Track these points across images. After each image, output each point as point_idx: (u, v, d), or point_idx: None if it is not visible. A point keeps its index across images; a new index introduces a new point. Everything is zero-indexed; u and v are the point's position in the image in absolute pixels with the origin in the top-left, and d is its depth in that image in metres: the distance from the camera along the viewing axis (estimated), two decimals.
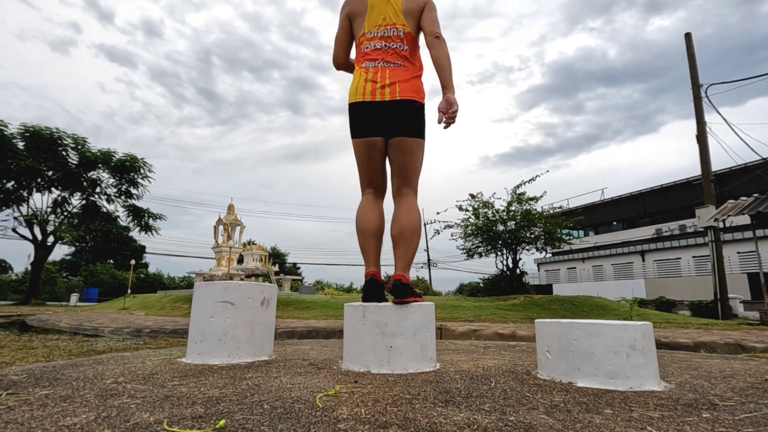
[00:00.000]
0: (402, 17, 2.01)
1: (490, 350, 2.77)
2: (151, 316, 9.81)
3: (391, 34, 2.02)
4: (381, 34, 2.03)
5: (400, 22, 2.02)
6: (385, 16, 2.03)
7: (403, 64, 2.00)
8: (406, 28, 2.02)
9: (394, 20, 2.02)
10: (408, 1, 2.03)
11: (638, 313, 7.68)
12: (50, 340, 4.64)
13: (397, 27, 2.02)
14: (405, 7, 2.02)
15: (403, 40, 2.01)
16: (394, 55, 2.00)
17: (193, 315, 2.13)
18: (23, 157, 20.30)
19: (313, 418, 1.06)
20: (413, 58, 2.04)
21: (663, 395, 1.39)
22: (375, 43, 2.03)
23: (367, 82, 1.98)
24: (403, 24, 2.02)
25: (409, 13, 2.02)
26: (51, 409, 1.13)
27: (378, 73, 1.98)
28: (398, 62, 1.99)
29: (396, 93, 1.94)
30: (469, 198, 10.73)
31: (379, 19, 2.04)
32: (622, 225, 28.59)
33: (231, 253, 18.69)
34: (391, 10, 2.03)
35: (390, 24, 2.02)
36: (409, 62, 2.01)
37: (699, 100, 11.73)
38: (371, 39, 2.04)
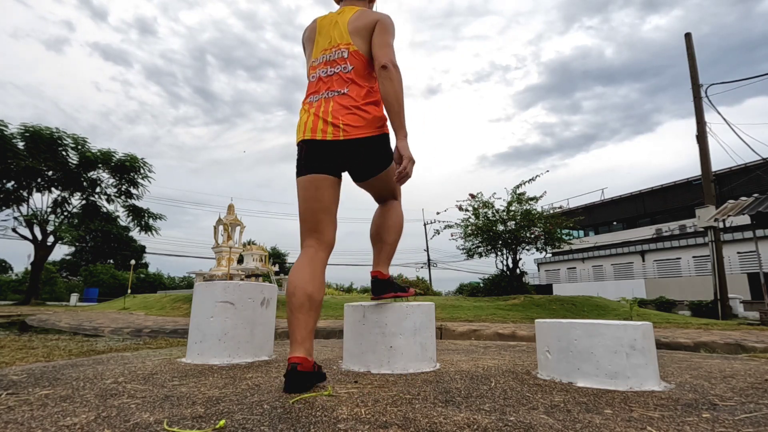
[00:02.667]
0: (347, 37, 1.77)
1: (490, 350, 2.77)
2: (151, 316, 9.81)
3: (335, 56, 1.77)
4: (326, 58, 1.79)
5: (344, 42, 1.77)
6: (331, 39, 1.80)
7: (348, 90, 1.71)
8: (351, 47, 1.75)
9: (338, 41, 1.78)
10: (356, 20, 1.79)
11: (638, 313, 7.68)
12: (50, 340, 4.64)
13: (341, 48, 1.77)
14: (352, 26, 1.78)
15: (346, 60, 1.74)
16: (339, 81, 1.73)
17: (193, 315, 2.13)
18: (23, 157, 20.30)
19: (313, 418, 1.06)
20: (362, 78, 1.75)
21: (663, 395, 1.39)
22: (319, 71, 1.78)
23: (309, 118, 1.72)
24: (347, 43, 1.76)
25: (356, 33, 1.77)
26: (51, 409, 1.13)
27: (320, 106, 1.71)
28: (343, 89, 1.71)
29: (340, 133, 1.65)
30: (469, 198, 10.74)
31: (325, 43, 1.82)
32: (622, 225, 28.59)
33: (231, 253, 18.69)
34: (337, 31, 1.80)
35: (335, 46, 1.78)
36: (356, 85, 1.72)
37: (699, 100, 11.73)
38: (316, 67, 1.81)
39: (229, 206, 19.79)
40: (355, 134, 1.66)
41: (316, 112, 1.70)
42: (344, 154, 1.68)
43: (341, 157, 1.69)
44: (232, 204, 19.83)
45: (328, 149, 1.67)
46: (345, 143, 1.66)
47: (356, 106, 1.68)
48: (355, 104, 1.69)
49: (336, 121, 1.66)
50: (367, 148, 1.70)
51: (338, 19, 1.82)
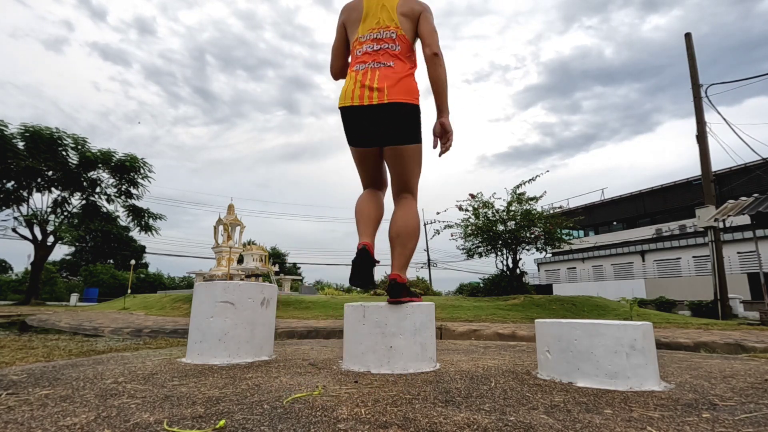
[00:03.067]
0: (396, 20, 1.98)
1: (490, 350, 2.77)
2: (151, 316, 9.81)
3: (384, 36, 1.97)
4: (373, 36, 1.99)
5: (393, 25, 1.98)
6: (379, 20, 2.00)
7: (393, 64, 1.93)
8: (399, 30, 1.97)
9: (388, 23, 1.98)
10: (403, 6, 1.99)
11: (638, 313, 7.68)
12: (50, 340, 4.64)
13: (390, 29, 1.98)
14: (400, 11, 1.98)
15: (395, 41, 1.96)
16: (385, 56, 1.94)
17: (193, 315, 2.13)
18: (23, 157, 20.30)
19: (313, 418, 1.06)
20: (405, 57, 1.97)
21: (663, 395, 1.39)
22: (366, 46, 1.98)
23: (355, 85, 1.92)
24: (396, 26, 1.97)
25: (404, 17, 1.98)
26: (51, 409, 1.13)
27: (367, 74, 1.92)
28: (389, 62, 1.93)
29: (384, 96, 1.86)
30: (469, 198, 10.74)
31: (373, 23, 2.01)
32: (622, 225, 28.59)
33: (231, 253, 18.69)
34: (386, 14, 2.00)
35: (383, 27, 1.99)
36: (400, 61, 1.95)
37: (699, 100, 11.73)
38: (363, 42, 2.01)
39: (229, 206, 19.80)
40: (395, 98, 1.86)
41: (362, 80, 1.91)
42: (382, 116, 1.88)
43: (381, 121, 1.89)
44: (232, 204, 19.84)
45: (370, 114, 1.89)
46: (383, 107, 1.86)
47: (400, 78, 1.90)
48: (400, 76, 1.90)
49: (381, 85, 1.87)
50: (401, 113, 1.89)
51: (385, 3, 2.02)
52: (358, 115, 1.92)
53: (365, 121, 1.92)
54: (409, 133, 1.94)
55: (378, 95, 1.86)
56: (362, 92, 1.89)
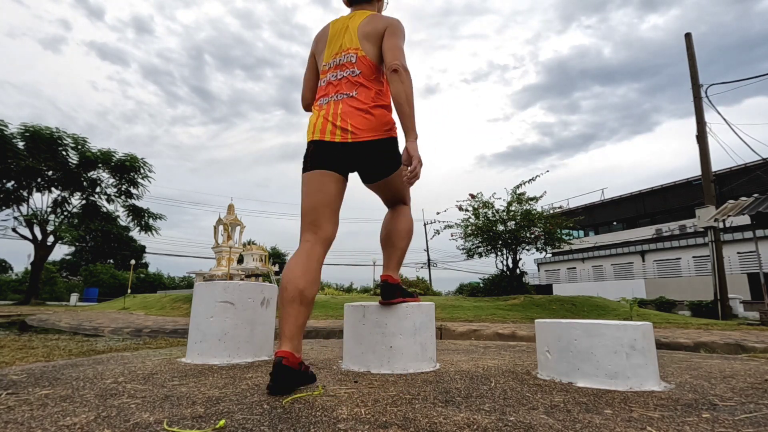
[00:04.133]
0: (356, 41, 1.81)
1: (490, 350, 2.77)
2: (151, 316, 9.81)
3: (344, 60, 1.81)
4: (335, 62, 1.83)
5: (353, 47, 1.81)
6: (342, 44, 1.85)
7: (356, 93, 1.74)
8: (359, 52, 1.79)
9: (348, 46, 1.82)
10: (366, 25, 1.82)
11: (638, 314, 7.68)
12: (50, 340, 4.64)
13: (350, 52, 1.81)
14: (362, 32, 1.81)
15: (354, 65, 1.78)
16: (347, 84, 1.77)
17: (193, 315, 2.13)
18: (23, 156, 20.31)
19: (313, 418, 1.06)
20: (371, 81, 1.78)
21: (663, 395, 1.39)
22: (330, 75, 1.83)
23: (318, 120, 1.75)
24: (356, 48, 1.80)
25: (365, 38, 1.80)
26: (51, 409, 1.13)
27: (330, 109, 1.74)
28: (351, 92, 1.75)
29: (347, 134, 1.68)
30: (469, 198, 10.74)
31: (335, 48, 1.86)
32: (622, 225, 28.58)
33: (231, 253, 18.69)
34: (348, 37, 1.84)
35: (344, 51, 1.83)
36: (364, 87, 1.75)
37: (699, 100, 11.72)
38: (327, 71, 1.86)
39: (229, 206, 19.79)
40: (363, 137, 1.69)
41: (325, 115, 1.73)
42: (352, 156, 1.71)
43: (349, 159, 1.72)
44: (232, 204, 19.83)
45: (336, 150, 1.70)
46: (353, 146, 1.69)
47: (364, 109, 1.71)
48: (364, 107, 1.71)
49: (344, 124, 1.69)
50: (374, 151, 1.73)
51: (349, 24, 1.86)
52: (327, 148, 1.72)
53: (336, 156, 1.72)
54: (388, 165, 1.81)
55: (342, 134, 1.69)
56: (327, 127, 1.72)
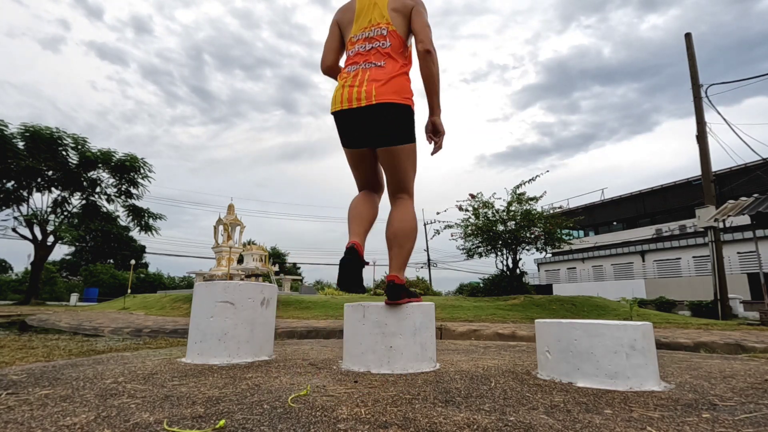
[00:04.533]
0: (388, 16, 1.95)
1: (490, 350, 2.77)
2: (151, 316, 9.81)
3: (375, 34, 1.95)
4: (365, 35, 1.97)
5: (384, 21, 1.95)
6: (371, 18, 1.98)
7: (384, 63, 1.89)
8: (390, 26, 1.94)
9: (379, 20, 1.96)
10: (395, 2, 1.96)
11: (638, 314, 7.68)
12: (50, 340, 4.64)
13: (381, 26, 1.95)
14: (392, 7, 1.96)
15: (385, 37, 1.93)
16: (376, 55, 1.91)
17: (193, 315, 2.13)
18: (23, 156, 20.30)
19: (313, 418, 1.06)
20: (398, 54, 1.93)
21: (663, 395, 1.39)
22: (358, 46, 1.97)
23: (344, 88, 1.90)
24: (387, 23, 1.94)
25: (396, 13, 1.95)
26: (51, 409, 1.13)
27: (357, 76, 1.89)
28: (379, 62, 1.90)
29: (372, 97, 1.83)
30: (469, 198, 10.74)
31: (365, 22, 1.99)
32: (622, 225, 28.58)
33: (231, 253, 18.69)
34: (377, 12, 1.97)
35: (374, 24, 1.96)
36: (391, 59, 1.90)
37: (699, 100, 11.72)
38: (355, 42, 1.99)
39: (229, 206, 19.79)
40: (384, 99, 1.83)
41: (351, 83, 1.89)
42: (373, 118, 1.85)
43: (371, 123, 1.87)
44: (232, 204, 19.84)
45: (360, 117, 1.87)
46: (375, 108, 1.83)
47: (390, 77, 1.86)
48: (390, 75, 1.87)
49: (369, 87, 1.84)
50: (391, 113, 1.85)
51: (377, 1, 2.00)
52: (349, 118, 1.90)
53: (356, 124, 1.90)
54: (400, 134, 1.90)
55: (366, 97, 1.83)
56: (350, 95, 1.87)
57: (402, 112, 1.88)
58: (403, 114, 1.88)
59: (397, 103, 1.85)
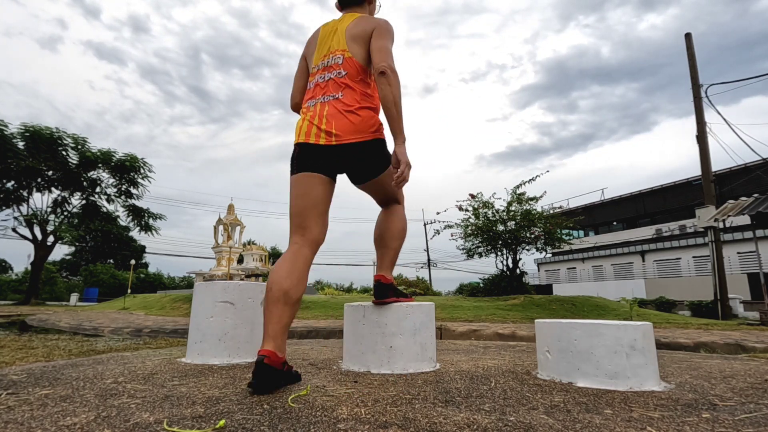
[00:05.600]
0: (343, 43, 1.81)
1: (490, 350, 2.77)
2: (151, 316, 9.81)
3: (331, 62, 1.82)
4: (323, 65, 1.84)
5: (340, 48, 1.81)
6: (330, 46, 1.85)
7: (342, 96, 1.74)
8: (346, 53, 1.79)
9: (336, 48, 1.83)
10: (354, 27, 1.83)
11: (638, 314, 7.68)
12: (50, 340, 4.64)
13: (337, 54, 1.81)
14: (350, 33, 1.82)
15: (340, 66, 1.79)
16: (334, 86, 1.77)
17: (193, 315, 2.13)
18: (23, 156, 20.32)
19: (313, 418, 1.06)
20: (357, 83, 1.78)
21: (663, 395, 1.39)
22: (318, 77, 1.84)
23: (303, 122, 1.76)
24: (343, 50, 1.80)
25: (353, 39, 1.81)
26: (51, 408, 1.13)
27: (316, 111, 1.74)
28: (337, 94, 1.75)
29: (332, 137, 1.67)
30: (469, 198, 10.74)
31: (324, 50, 1.87)
32: (622, 225, 28.57)
33: (231, 253, 18.69)
34: (336, 39, 1.85)
35: (332, 53, 1.83)
36: (350, 89, 1.75)
37: (699, 100, 11.72)
38: (315, 74, 1.86)
39: (229, 206, 19.79)
40: (347, 139, 1.68)
41: (311, 118, 1.73)
42: (338, 158, 1.71)
43: (335, 161, 1.72)
44: (232, 204, 19.83)
45: (322, 153, 1.70)
46: (338, 148, 1.68)
47: (349, 111, 1.71)
48: (349, 108, 1.71)
49: (329, 127, 1.68)
50: (360, 153, 1.72)
51: (338, 27, 1.87)
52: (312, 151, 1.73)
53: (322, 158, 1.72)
54: (374, 166, 1.79)
55: (326, 137, 1.69)
56: (311, 130, 1.72)
57: (372, 147, 1.75)
58: (373, 148, 1.75)
59: (363, 141, 1.71)
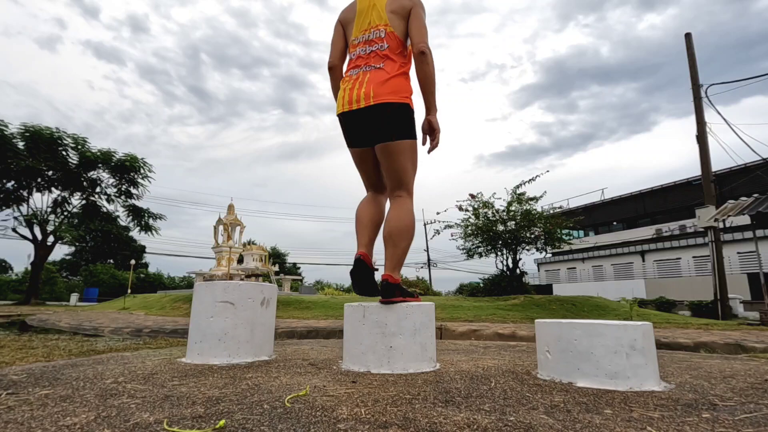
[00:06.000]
0: (385, 18, 1.99)
1: (490, 350, 2.77)
2: (151, 316, 9.81)
3: (374, 36, 2.00)
4: (365, 38, 2.02)
5: (383, 23, 1.99)
6: (370, 20, 2.02)
7: (383, 66, 1.95)
8: (388, 28, 1.98)
9: (378, 22, 2.00)
10: (392, 3, 2.00)
11: (638, 313, 7.68)
12: (50, 340, 4.64)
13: (380, 28, 1.99)
14: (390, 8, 1.99)
15: (383, 39, 1.98)
16: (375, 58, 1.97)
17: (193, 315, 2.13)
18: (23, 156, 20.31)
19: (313, 418, 1.06)
20: (396, 55, 1.98)
21: (663, 395, 1.39)
22: (359, 49, 2.02)
23: (345, 91, 1.98)
24: (385, 24, 1.98)
25: (394, 14, 1.98)
26: (51, 409, 1.13)
27: (358, 79, 1.96)
28: (378, 64, 1.95)
29: (370, 98, 1.90)
30: (469, 198, 10.74)
31: (365, 24, 2.04)
32: (622, 225, 28.56)
33: (231, 253, 18.68)
34: (376, 13, 2.01)
35: (374, 27, 2.01)
36: (390, 60, 1.96)
37: (699, 101, 11.72)
38: (356, 45, 2.05)
39: (229, 206, 19.78)
40: (382, 99, 1.89)
41: (352, 86, 1.95)
42: (372, 118, 1.91)
43: (370, 123, 1.93)
44: (232, 204, 19.82)
45: (361, 117, 1.94)
46: (374, 108, 1.89)
47: (388, 78, 1.92)
48: (388, 76, 1.92)
49: (368, 89, 1.90)
50: (392, 112, 1.90)
51: (376, 2, 2.04)
52: (351, 120, 1.98)
53: (357, 124, 1.98)
54: (395, 130, 1.94)
55: (365, 98, 1.91)
56: (350, 97, 1.95)
57: (399, 110, 1.92)
58: (398, 111, 1.92)
59: (394, 102, 1.90)
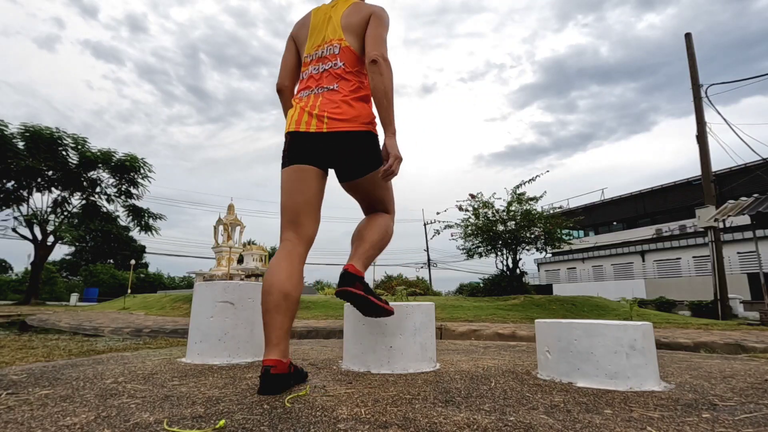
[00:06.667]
0: (339, 32, 1.75)
1: (490, 350, 2.77)
2: (151, 316, 9.81)
3: (327, 53, 1.76)
4: (317, 55, 1.78)
5: (336, 38, 1.75)
6: (324, 35, 1.79)
7: (337, 86, 1.70)
8: (343, 42, 1.74)
9: (332, 37, 1.77)
10: (349, 15, 1.77)
11: (638, 314, 7.68)
12: (50, 340, 4.64)
13: (333, 43, 1.75)
14: (345, 21, 1.76)
15: (337, 56, 1.73)
16: (329, 78, 1.72)
17: (193, 315, 2.13)
18: (23, 156, 20.32)
19: (313, 418, 1.06)
20: (352, 74, 1.73)
21: (663, 395, 1.39)
22: (312, 68, 1.78)
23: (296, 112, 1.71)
24: (339, 39, 1.75)
25: (349, 28, 1.75)
26: (51, 408, 1.14)
27: (309, 101, 1.70)
28: (332, 85, 1.70)
29: (323, 125, 1.62)
30: (469, 198, 10.74)
31: (318, 40, 1.80)
32: (622, 225, 28.56)
33: (231, 253, 18.69)
34: (331, 28, 1.78)
35: (327, 42, 1.77)
36: (345, 80, 1.71)
37: (699, 101, 11.72)
38: (308, 63, 1.81)
39: (229, 206, 19.79)
40: (339, 127, 1.62)
41: (303, 107, 1.69)
42: (328, 147, 1.64)
43: (326, 151, 1.65)
44: (232, 204, 19.84)
45: (313, 141, 1.64)
46: (329, 136, 1.62)
47: (343, 101, 1.66)
48: (343, 99, 1.67)
49: (321, 113, 1.63)
50: (351, 143, 1.65)
51: (332, 14, 1.81)
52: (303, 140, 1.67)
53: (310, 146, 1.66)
54: (365, 161, 1.70)
55: (317, 124, 1.63)
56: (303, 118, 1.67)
57: (363, 140, 1.68)
58: (364, 141, 1.68)
59: (355, 131, 1.65)
